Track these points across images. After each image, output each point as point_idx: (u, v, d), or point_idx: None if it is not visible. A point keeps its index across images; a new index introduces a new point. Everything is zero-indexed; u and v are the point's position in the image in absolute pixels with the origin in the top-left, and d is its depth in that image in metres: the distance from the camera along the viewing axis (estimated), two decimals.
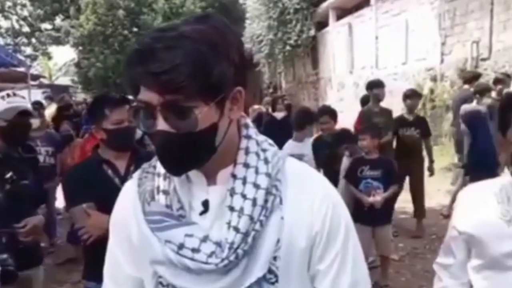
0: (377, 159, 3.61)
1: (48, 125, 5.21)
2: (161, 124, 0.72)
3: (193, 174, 0.82)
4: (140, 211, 0.82)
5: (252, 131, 0.85)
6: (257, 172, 0.80)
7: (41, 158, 4.02)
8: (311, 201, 0.82)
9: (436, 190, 6.04)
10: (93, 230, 1.78)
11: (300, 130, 4.01)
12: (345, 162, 3.81)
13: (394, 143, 4.88)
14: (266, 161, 0.82)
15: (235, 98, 0.78)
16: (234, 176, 0.80)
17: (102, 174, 1.91)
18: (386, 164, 3.66)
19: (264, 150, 0.83)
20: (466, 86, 5.80)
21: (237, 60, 0.76)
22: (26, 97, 2.37)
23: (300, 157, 3.22)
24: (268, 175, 0.80)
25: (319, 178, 0.90)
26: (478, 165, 4.33)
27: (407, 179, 4.85)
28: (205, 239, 0.77)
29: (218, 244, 0.77)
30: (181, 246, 0.77)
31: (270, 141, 0.88)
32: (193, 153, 0.76)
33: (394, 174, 3.68)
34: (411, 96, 4.95)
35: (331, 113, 4.10)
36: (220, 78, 0.72)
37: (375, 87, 4.91)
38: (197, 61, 0.70)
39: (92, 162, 1.99)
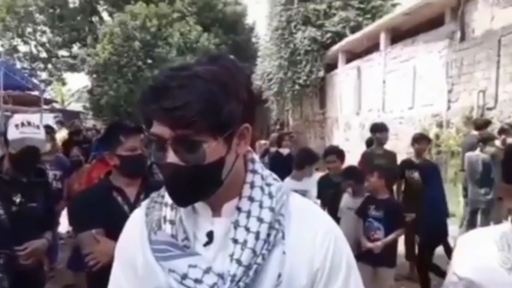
0: (383, 200, 3.54)
1: (58, 149, 5.26)
2: (171, 157, 0.75)
3: (199, 205, 0.84)
4: (146, 240, 0.84)
5: (258, 165, 0.87)
6: (261, 206, 0.82)
7: None
8: (313, 236, 0.83)
9: None
10: (100, 257, 1.74)
11: (299, 170, 4.02)
12: (346, 199, 3.78)
13: (403, 186, 4.85)
14: (270, 195, 0.84)
15: (243, 134, 0.81)
16: (238, 209, 0.82)
17: (111, 200, 1.90)
18: (390, 206, 3.58)
19: (268, 185, 0.85)
20: (475, 132, 5.84)
21: (246, 99, 0.79)
22: (39, 124, 2.32)
23: (303, 193, 3.23)
24: (272, 209, 0.82)
25: (322, 214, 0.91)
26: (427, 215, 4.22)
27: None
28: (208, 270, 0.78)
29: (221, 276, 0.78)
30: (184, 276, 0.78)
31: (275, 176, 0.90)
32: (200, 185, 0.78)
33: (399, 218, 3.57)
34: (419, 140, 4.89)
35: (338, 153, 4.13)
36: (229, 116, 0.75)
37: (378, 131, 4.93)
38: (209, 100, 0.73)
39: (102, 188, 1.98)
